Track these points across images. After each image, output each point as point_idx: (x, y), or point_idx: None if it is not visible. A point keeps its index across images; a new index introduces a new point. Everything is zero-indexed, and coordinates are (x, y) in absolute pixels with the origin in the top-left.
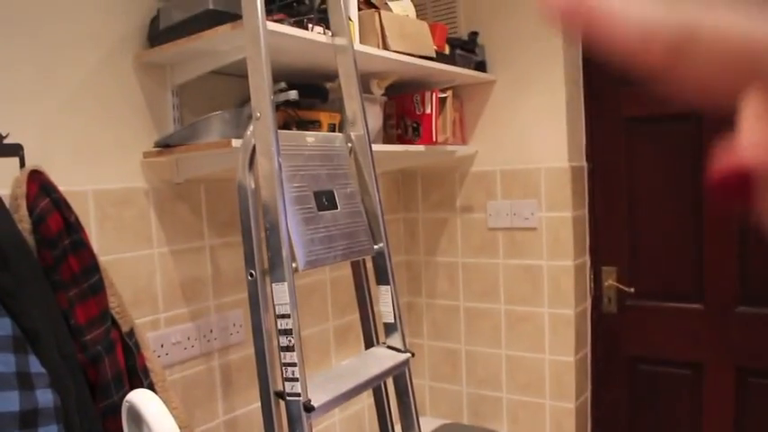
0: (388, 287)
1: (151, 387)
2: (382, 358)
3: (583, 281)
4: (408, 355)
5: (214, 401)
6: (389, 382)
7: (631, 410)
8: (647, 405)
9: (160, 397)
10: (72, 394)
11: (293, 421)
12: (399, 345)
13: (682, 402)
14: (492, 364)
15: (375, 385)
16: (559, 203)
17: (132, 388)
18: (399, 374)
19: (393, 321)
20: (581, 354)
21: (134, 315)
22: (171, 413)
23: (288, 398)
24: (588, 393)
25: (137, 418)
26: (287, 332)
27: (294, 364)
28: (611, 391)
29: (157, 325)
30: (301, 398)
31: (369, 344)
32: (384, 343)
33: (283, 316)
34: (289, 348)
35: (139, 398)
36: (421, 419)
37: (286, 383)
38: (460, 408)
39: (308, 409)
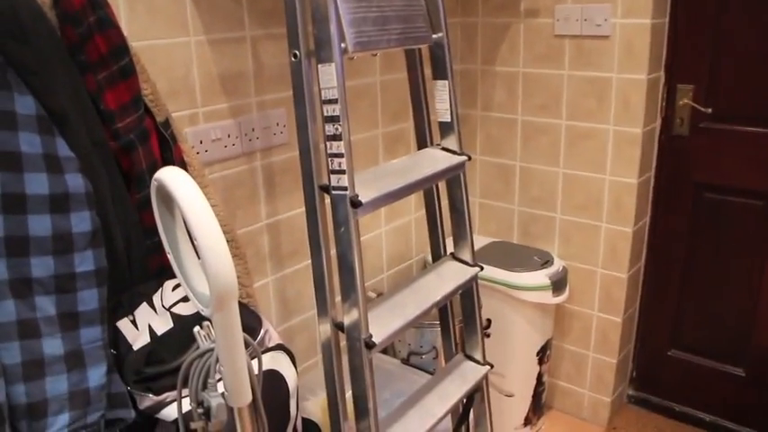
0: (446, 82)
1: None
2: (436, 159)
3: (654, 98)
4: (464, 157)
5: (256, 204)
6: (443, 193)
7: (691, 239)
8: (708, 235)
9: None
10: (105, 182)
11: (338, 217)
12: (455, 146)
13: (746, 235)
14: (547, 183)
15: (426, 187)
16: (637, 9)
17: None
18: (453, 178)
19: (449, 120)
20: (644, 176)
21: (170, 108)
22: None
23: (333, 192)
24: (647, 219)
25: (166, 198)
26: (334, 119)
27: (341, 155)
28: (672, 218)
29: (196, 120)
30: (348, 192)
31: (422, 146)
32: (438, 144)
33: (330, 101)
34: (336, 137)
35: (168, 175)
36: None
37: (332, 176)
38: (511, 226)
39: (355, 204)
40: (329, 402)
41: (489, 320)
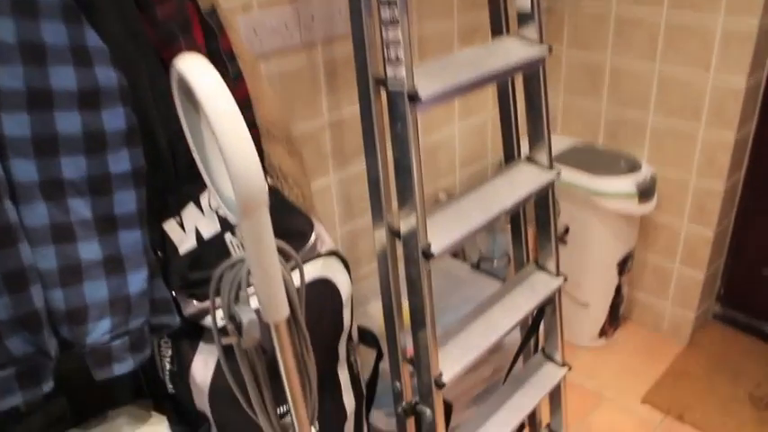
0: None
1: (238, 74)
2: (512, 50)
3: None
4: (545, 48)
5: (317, 99)
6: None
7: None
8: None
9: (249, 87)
10: (144, 76)
11: (395, 113)
12: (535, 36)
13: None
14: (641, 82)
15: (499, 80)
16: None
17: None
18: (532, 74)
19: (529, 10)
20: (756, 76)
21: None
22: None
23: (390, 85)
24: (754, 124)
25: (187, 90)
26: (390, 2)
27: (398, 43)
28: None
29: (249, 7)
30: (406, 85)
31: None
32: (516, 33)
33: None
34: (392, 22)
35: (187, 64)
36: (551, 137)
37: (388, 67)
38: (596, 128)
39: (414, 98)
40: (384, 313)
41: (567, 227)
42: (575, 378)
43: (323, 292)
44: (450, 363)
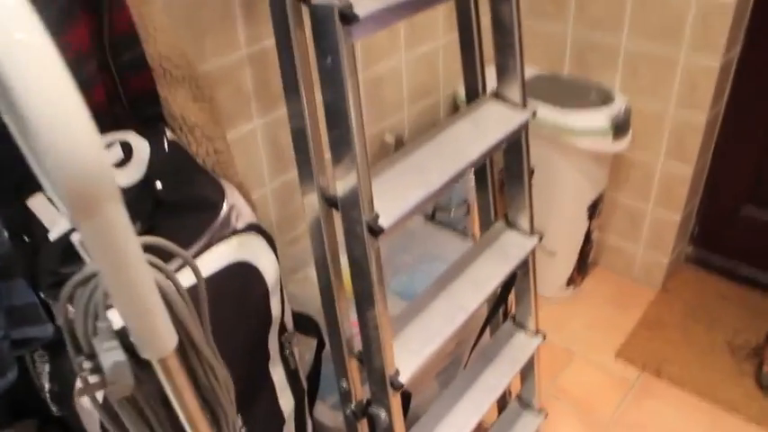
0: None
1: (123, 7)
2: None
3: None
4: None
5: (232, 27)
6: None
7: None
8: None
9: (135, 15)
10: None
11: (323, 40)
12: None
13: None
14: (612, 1)
15: None
16: None
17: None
18: None
19: None
20: None
21: None
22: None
23: (314, 0)
24: (738, 48)
25: None
26: None
27: None
28: None
29: None
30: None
31: None
32: None
33: None
34: None
35: None
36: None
37: None
38: (562, 55)
39: (348, 18)
40: (323, 302)
41: (532, 170)
42: None
43: (242, 279)
44: (408, 356)
